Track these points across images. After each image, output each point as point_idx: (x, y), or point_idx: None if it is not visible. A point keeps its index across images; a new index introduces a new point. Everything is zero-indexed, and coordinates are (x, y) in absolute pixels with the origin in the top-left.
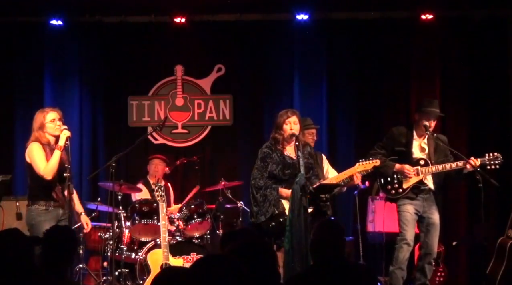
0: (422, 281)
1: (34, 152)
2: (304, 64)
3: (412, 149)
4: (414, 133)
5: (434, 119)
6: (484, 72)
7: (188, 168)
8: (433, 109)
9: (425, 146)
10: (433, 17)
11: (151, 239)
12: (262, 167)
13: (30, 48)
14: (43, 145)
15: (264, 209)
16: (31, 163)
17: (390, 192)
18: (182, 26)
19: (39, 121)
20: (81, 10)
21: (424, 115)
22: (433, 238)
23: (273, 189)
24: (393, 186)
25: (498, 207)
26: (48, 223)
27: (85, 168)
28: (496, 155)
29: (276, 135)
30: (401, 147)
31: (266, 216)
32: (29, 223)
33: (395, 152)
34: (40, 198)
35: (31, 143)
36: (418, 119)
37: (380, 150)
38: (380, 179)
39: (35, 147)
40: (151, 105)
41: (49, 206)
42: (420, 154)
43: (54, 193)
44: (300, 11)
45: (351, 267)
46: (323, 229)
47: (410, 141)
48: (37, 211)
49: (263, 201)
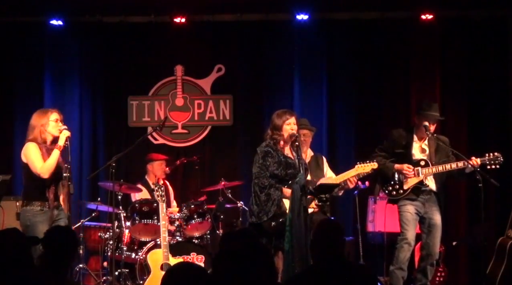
0: (423, 282)
1: (31, 151)
2: (304, 64)
3: (412, 151)
4: (414, 136)
5: (433, 123)
6: (484, 72)
7: (188, 168)
8: (432, 113)
9: (426, 147)
10: (433, 17)
11: (151, 239)
12: (264, 166)
13: (30, 48)
14: (39, 145)
15: (267, 208)
16: (27, 163)
17: (391, 193)
18: (182, 26)
19: (41, 119)
20: (81, 10)
21: (423, 118)
22: (434, 239)
23: (277, 188)
24: (393, 187)
25: (498, 207)
26: (43, 224)
27: (85, 168)
28: (496, 155)
29: (275, 136)
30: (401, 149)
31: (268, 216)
32: (24, 224)
33: (395, 154)
34: (35, 198)
35: (28, 142)
36: (418, 121)
37: (381, 153)
38: (380, 180)
39: (31, 147)
40: (151, 105)
41: (44, 206)
42: (421, 155)
43: (49, 194)
44: (300, 11)
45: (351, 267)
46: (323, 229)
47: (410, 143)
48: (32, 212)
49: (266, 201)
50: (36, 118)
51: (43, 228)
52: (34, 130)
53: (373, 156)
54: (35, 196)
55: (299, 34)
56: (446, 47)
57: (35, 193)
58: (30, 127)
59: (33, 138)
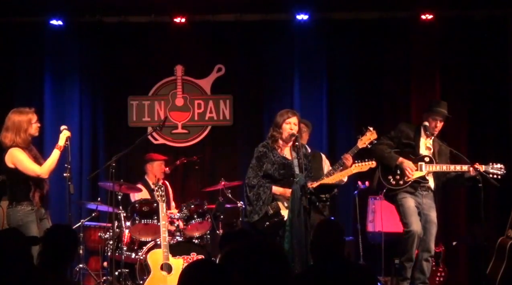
0: (422, 279)
1: (20, 157)
2: (304, 64)
3: (419, 144)
4: (421, 132)
5: (441, 120)
6: (484, 72)
7: (188, 168)
8: (441, 109)
9: (430, 146)
10: (433, 17)
11: (151, 239)
12: (257, 167)
13: (30, 48)
14: (23, 149)
15: (258, 208)
16: (16, 167)
17: (390, 182)
18: (182, 26)
19: (24, 122)
20: (81, 10)
21: (431, 114)
22: (430, 235)
23: (266, 188)
24: (394, 177)
25: (498, 207)
26: (34, 224)
27: (85, 168)
28: (500, 166)
29: (274, 133)
30: (409, 140)
31: (259, 215)
32: (16, 224)
33: (403, 144)
34: (24, 199)
35: (12, 149)
36: (426, 118)
37: (386, 141)
38: (382, 169)
39: (18, 153)
40: (151, 105)
41: (33, 206)
42: (426, 152)
43: (35, 194)
44: (300, 11)
45: (351, 267)
46: (323, 229)
47: (418, 138)
48: (23, 211)
49: (256, 200)
50: (19, 120)
51: (34, 228)
52: (19, 133)
53: (377, 143)
54: (23, 197)
55: (299, 34)
56: (446, 47)
57: (23, 194)
58: (11, 128)
59: (15, 142)
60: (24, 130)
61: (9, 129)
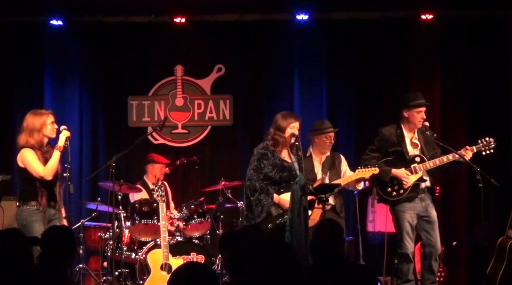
0: (432, 279)
1: (29, 158)
2: (304, 64)
3: (406, 148)
4: (404, 131)
5: (424, 110)
6: (484, 72)
7: (188, 168)
8: (422, 101)
9: (416, 141)
10: (433, 17)
11: (151, 239)
12: (258, 168)
13: (30, 48)
14: (34, 150)
15: (257, 213)
16: (26, 168)
17: (391, 195)
18: (182, 26)
19: (39, 122)
20: (81, 10)
21: (414, 109)
22: (435, 234)
23: (268, 195)
24: (393, 188)
25: (498, 207)
26: (39, 223)
27: (85, 168)
28: (489, 140)
29: (277, 136)
30: (395, 147)
31: (256, 221)
32: (21, 223)
33: (390, 153)
34: (31, 199)
35: (23, 149)
36: (408, 115)
37: (373, 154)
38: (377, 184)
39: (28, 153)
40: (151, 105)
41: (40, 206)
42: (414, 150)
43: (43, 195)
44: (300, 11)
45: (351, 267)
46: (323, 229)
47: (402, 140)
48: (28, 211)
49: (256, 205)
50: (31, 121)
51: (39, 227)
52: (33, 134)
53: (365, 158)
54: (31, 197)
55: (299, 34)
56: (446, 47)
57: (31, 194)
58: (25, 129)
59: (28, 143)
60: (37, 131)
61: (24, 130)
